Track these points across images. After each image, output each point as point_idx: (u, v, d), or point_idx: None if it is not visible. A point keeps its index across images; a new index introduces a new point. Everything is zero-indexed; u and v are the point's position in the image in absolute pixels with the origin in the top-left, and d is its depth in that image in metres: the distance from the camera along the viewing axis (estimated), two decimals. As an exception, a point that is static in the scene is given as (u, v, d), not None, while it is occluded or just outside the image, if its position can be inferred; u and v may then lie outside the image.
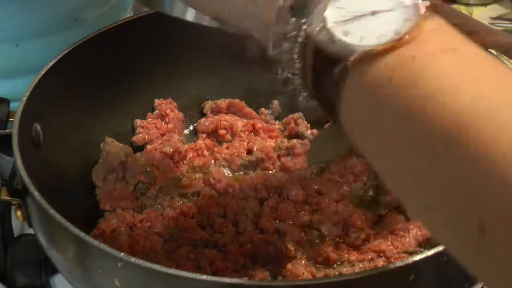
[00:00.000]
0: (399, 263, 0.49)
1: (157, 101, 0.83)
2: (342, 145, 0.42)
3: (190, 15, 0.51)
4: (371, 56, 0.35)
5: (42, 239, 0.58)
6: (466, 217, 0.32)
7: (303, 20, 0.39)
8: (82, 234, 0.51)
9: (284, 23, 0.40)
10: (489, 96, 0.32)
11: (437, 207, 0.34)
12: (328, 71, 0.37)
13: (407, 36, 0.35)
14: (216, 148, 0.80)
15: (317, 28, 0.37)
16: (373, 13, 0.36)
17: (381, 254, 0.64)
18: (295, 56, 0.40)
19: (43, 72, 0.67)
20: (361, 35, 0.36)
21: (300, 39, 0.39)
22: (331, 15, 0.37)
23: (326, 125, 0.67)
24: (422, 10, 0.36)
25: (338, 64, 0.36)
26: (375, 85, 0.35)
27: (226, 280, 0.47)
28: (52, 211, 0.53)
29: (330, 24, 0.37)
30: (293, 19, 0.39)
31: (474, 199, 0.31)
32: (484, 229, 0.31)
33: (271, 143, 0.80)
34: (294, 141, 0.79)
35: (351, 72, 0.36)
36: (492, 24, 1.14)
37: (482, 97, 0.32)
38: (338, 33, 0.36)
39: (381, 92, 0.35)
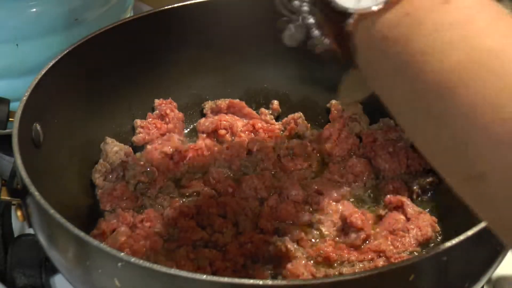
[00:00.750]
0: (399, 263, 0.49)
1: (157, 101, 0.83)
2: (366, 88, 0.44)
3: None
4: (367, 17, 0.38)
5: (42, 239, 0.58)
6: (461, 163, 0.34)
7: None
8: (82, 234, 0.51)
9: None
10: (486, 42, 0.33)
11: (435, 151, 0.37)
12: (338, 28, 0.40)
13: None
14: (216, 148, 0.80)
15: None
16: None
17: (381, 254, 0.64)
18: (306, 13, 0.43)
19: (43, 72, 0.67)
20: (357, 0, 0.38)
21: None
22: None
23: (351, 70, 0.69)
24: None
25: (344, 24, 0.39)
26: (376, 43, 0.38)
27: (226, 280, 0.47)
28: (52, 211, 0.53)
29: None
30: None
31: (470, 150, 0.33)
32: (482, 173, 0.33)
33: (271, 143, 0.80)
34: (294, 141, 0.79)
35: (356, 31, 0.39)
36: (492, 24, 1.13)
37: (473, 50, 0.33)
38: None
39: (381, 48, 0.37)
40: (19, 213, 0.59)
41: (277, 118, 0.86)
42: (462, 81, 0.33)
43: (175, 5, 0.80)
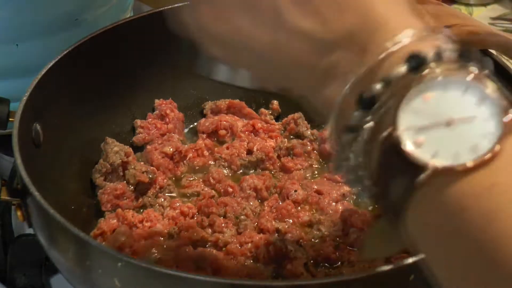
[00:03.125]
0: (399, 263, 0.49)
1: (157, 101, 0.83)
2: (396, 244, 0.39)
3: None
4: (444, 176, 0.31)
5: (42, 239, 0.58)
6: None
7: (369, 117, 0.34)
8: (82, 234, 0.51)
9: (347, 113, 0.35)
10: None
11: None
12: (395, 179, 0.33)
13: (486, 157, 0.31)
14: (216, 148, 0.80)
15: (386, 132, 0.33)
16: (449, 122, 0.32)
17: (381, 254, 0.64)
18: (354, 150, 0.35)
19: (43, 72, 0.67)
20: (434, 150, 0.32)
21: (364, 136, 0.34)
22: (403, 117, 0.32)
23: (380, 219, 0.66)
24: (506, 121, 0.31)
25: (405, 177, 0.32)
26: (446, 211, 0.31)
27: (227, 280, 0.47)
28: (52, 211, 0.52)
29: (400, 131, 0.32)
30: (358, 112, 0.34)
31: None
32: None
33: (271, 143, 0.80)
34: (294, 141, 0.79)
35: (420, 186, 0.32)
36: (492, 24, 1.13)
37: None
38: (409, 142, 0.32)
39: (452, 220, 0.31)
40: (19, 213, 0.59)
41: (277, 118, 0.86)
42: None
43: (175, 5, 0.80)
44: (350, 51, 0.35)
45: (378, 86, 0.33)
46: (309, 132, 0.81)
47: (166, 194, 0.73)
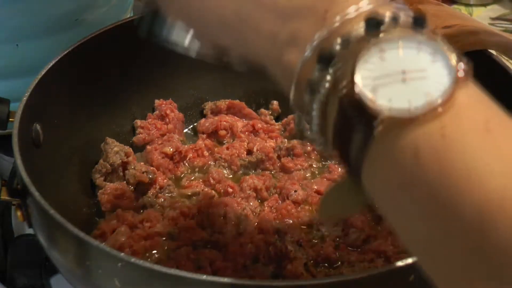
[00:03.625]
0: (399, 264, 0.49)
1: (157, 102, 0.83)
2: (357, 201, 0.39)
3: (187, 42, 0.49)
4: (398, 124, 0.32)
5: (42, 239, 0.58)
6: None
7: (329, 72, 0.35)
8: (82, 235, 0.51)
9: (307, 72, 0.36)
10: None
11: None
12: (353, 132, 0.34)
13: (439, 109, 0.32)
14: (216, 149, 0.80)
15: (343, 85, 0.34)
16: (404, 73, 0.33)
17: (381, 255, 0.64)
18: (315, 109, 0.36)
19: (43, 73, 0.67)
20: (389, 100, 0.33)
21: (323, 92, 0.35)
22: (360, 73, 0.34)
23: (340, 179, 0.66)
24: (459, 75, 0.33)
25: (362, 126, 0.33)
26: (400, 156, 0.32)
27: (226, 280, 0.47)
28: (52, 211, 0.52)
29: (357, 83, 0.33)
30: (318, 70, 0.35)
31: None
32: None
33: (271, 143, 0.80)
34: (294, 141, 0.79)
35: (376, 138, 0.33)
36: (492, 24, 1.14)
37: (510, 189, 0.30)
38: (367, 94, 0.33)
39: (405, 165, 0.32)
40: (19, 213, 0.59)
41: (277, 119, 0.86)
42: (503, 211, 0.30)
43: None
44: (311, 19, 0.37)
45: (337, 46, 0.35)
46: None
47: (166, 195, 0.73)
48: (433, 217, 0.32)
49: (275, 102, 0.86)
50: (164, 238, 0.66)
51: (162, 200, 0.72)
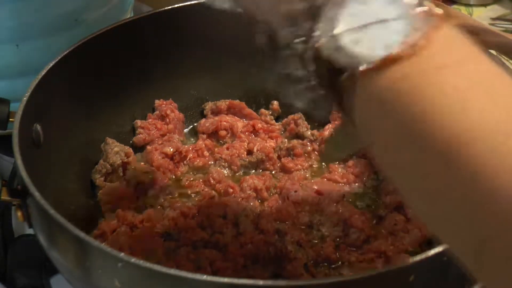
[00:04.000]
0: (399, 264, 0.49)
1: (157, 102, 0.83)
2: (355, 144, 0.42)
3: None
4: (377, 67, 0.35)
5: (42, 240, 0.58)
6: (467, 231, 0.32)
7: (316, 25, 0.38)
8: (82, 235, 0.50)
9: (297, 25, 0.39)
10: (489, 116, 0.32)
11: (435, 217, 0.35)
12: (339, 77, 0.37)
13: (414, 48, 0.34)
14: (216, 149, 0.80)
15: (328, 35, 0.37)
16: (382, 21, 0.36)
17: (381, 255, 0.64)
18: (307, 59, 0.39)
19: (43, 73, 0.67)
20: (368, 45, 0.36)
21: (311, 44, 0.38)
22: (342, 22, 0.37)
23: (338, 125, 0.68)
24: (433, 19, 0.35)
25: (348, 72, 0.36)
26: (381, 95, 0.35)
27: (226, 280, 0.47)
28: (52, 211, 0.52)
29: (339, 32, 0.36)
30: (306, 23, 0.39)
31: (474, 217, 0.32)
32: (484, 242, 0.31)
33: (271, 143, 0.80)
34: (295, 141, 0.79)
35: (359, 81, 0.36)
36: (492, 24, 1.13)
37: (483, 117, 0.32)
38: (347, 41, 0.36)
39: (386, 102, 0.35)
40: (19, 213, 0.59)
41: (277, 119, 0.86)
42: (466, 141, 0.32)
43: (175, 5, 0.80)
44: None
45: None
46: (309, 133, 0.81)
47: (166, 195, 0.73)
48: (409, 145, 0.35)
49: (275, 102, 0.86)
50: (164, 239, 0.66)
51: (162, 200, 0.72)
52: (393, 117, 0.35)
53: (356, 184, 0.74)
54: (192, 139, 0.83)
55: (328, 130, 0.79)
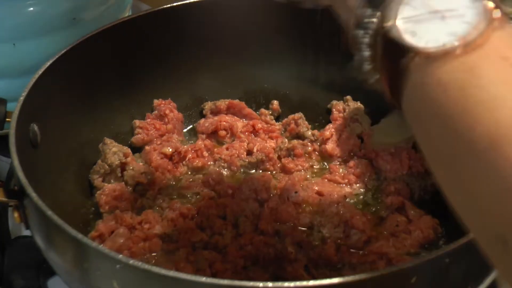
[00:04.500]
0: (400, 265, 0.49)
1: (156, 102, 0.82)
2: (405, 131, 0.43)
3: None
4: (432, 59, 0.36)
5: (39, 241, 0.57)
6: (488, 223, 0.34)
7: (378, 12, 0.40)
8: (80, 236, 0.50)
9: (362, 11, 0.41)
10: None
11: (465, 204, 0.36)
12: (394, 65, 0.38)
13: (469, 45, 0.35)
14: (215, 149, 0.79)
15: (388, 23, 0.38)
16: (442, 13, 0.37)
17: (382, 256, 0.63)
18: (365, 44, 0.41)
19: (40, 72, 0.66)
20: (427, 37, 0.37)
21: (371, 30, 0.40)
22: (403, 11, 0.38)
23: (388, 115, 0.69)
24: (492, 17, 0.36)
25: (402, 61, 0.38)
26: (430, 88, 0.36)
27: (226, 282, 0.46)
28: (49, 212, 0.52)
29: (399, 22, 0.38)
30: (369, 9, 0.40)
31: (495, 211, 0.33)
32: (504, 237, 0.32)
33: (271, 143, 0.79)
34: (295, 141, 0.79)
35: (413, 71, 0.37)
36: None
37: None
38: (406, 32, 0.37)
39: (437, 95, 0.36)
40: (16, 214, 0.59)
41: (277, 119, 0.85)
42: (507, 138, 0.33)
43: (174, 4, 0.80)
44: None
45: None
46: (309, 133, 0.80)
47: (165, 196, 0.73)
48: (453, 140, 0.35)
49: (275, 102, 0.86)
50: (163, 240, 0.66)
51: (161, 201, 0.72)
52: (440, 111, 0.36)
53: (357, 184, 0.74)
54: (192, 140, 0.83)
55: (328, 130, 0.79)
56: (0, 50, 0.79)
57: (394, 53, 0.38)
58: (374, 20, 0.40)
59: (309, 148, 0.79)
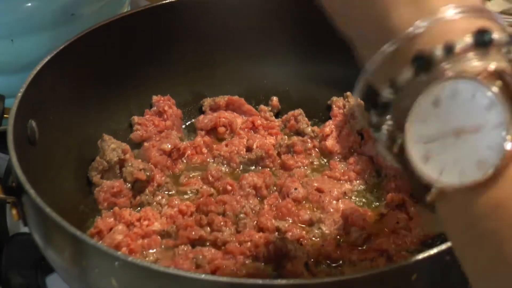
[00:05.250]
0: (401, 263, 0.49)
1: (155, 98, 0.82)
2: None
3: None
4: (450, 192, 0.32)
5: (37, 238, 0.57)
6: None
7: (387, 117, 0.35)
8: (78, 233, 0.50)
9: (370, 108, 0.36)
10: None
11: None
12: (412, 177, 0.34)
13: (490, 174, 0.31)
14: (215, 146, 0.79)
15: (398, 142, 0.34)
16: (457, 133, 0.32)
17: (383, 253, 0.63)
18: (382, 148, 0.36)
19: (38, 68, 0.66)
20: (441, 166, 0.32)
21: (384, 136, 0.35)
22: (413, 127, 0.33)
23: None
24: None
25: (431, 191, 0.34)
26: (458, 222, 0.33)
27: (225, 279, 0.46)
28: (48, 209, 0.52)
29: (409, 143, 0.33)
30: (375, 115, 0.35)
31: None
32: None
33: (271, 140, 0.79)
34: (295, 138, 0.79)
35: (432, 200, 0.34)
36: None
37: None
38: (418, 157, 0.33)
39: (464, 231, 0.33)
40: (14, 211, 0.59)
41: (277, 115, 0.85)
42: None
43: (173, 0, 0.80)
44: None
45: (388, 93, 0.34)
46: (309, 129, 0.80)
47: (164, 192, 0.73)
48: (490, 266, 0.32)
49: (274, 98, 0.85)
50: (161, 237, 0.66)
51: (160, 198, 0.71)
52: (469, 245, 0.33)
53: (358, 181, 0.74)
54: (191, 136, 0.83)
55: (328, 126, 0.79)
56: (-3, 46, 0.79)
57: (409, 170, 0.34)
58: (386, 128, 0.35)
59: (309, 144, 0.78)
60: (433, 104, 0.32)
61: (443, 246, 0.48)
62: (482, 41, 0.32)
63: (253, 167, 0.77)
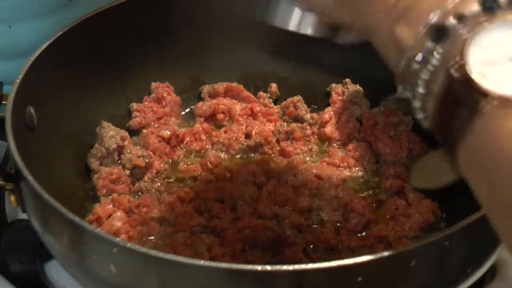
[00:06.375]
0: (400, 249, 0.48)
1: (153, 84, 0.82)
2: (448, 172, 0.41)
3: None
4: (504, 107, 0.33)
5: (36, 225, 0.57)
6: None
7: (440, 48, 0.37)
8: (77, 219, 0.50)
9: (419, 45, 0.38)
10: None
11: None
12: (456, 107, 0.36)
13: None
14: (213, 132, 0.79)
15: (454, 62, 0.36)
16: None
17: (382, 240, 0.63)
18: (421, 81, 0.38)
19: (36, 54, 0.66)
20: (500, 82, 0.34)
21: (431, 67, 0.37)
22: (471, 52, 0.35)
23: (432, 151, 0.69)
24: None
25: (469, 103, 0.35)
26: (505, 135, 0.33)
27: (224, 265, 0.46)
28: (46, 195, 0.52)
29: (468, 62, 0.35)
30: (429, 45, 0.37)
31: None
32: None
33: (270, 127, 0.79)
34: (294, 125, 0.79)
35: (483, 116, 0.34)
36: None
37: None
38: (476, 73, 0.34)
39: (502, 152, 0.33)
40: (12, 198, 0.59)
41: (275, 102, 0.85)
42: None
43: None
44: None
45: (452, 21, 0.37)
46: (308, 116, 0.80)
47: (163, 179, 0.72)
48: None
49: (273, 85, 0.85)
50: (160, 224, 0.66)
51: (159, 184, 0.71)
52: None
53: (357, 168, 0.74)
54: (189, 123, 0.82)
55: (328, 113, 0.79)
56: (-5, 32, 0.79)
57: (458, 94, 0.35)
58: (437, 56, 0.37)
59: (308, 131, 0.78)
60: (492, 34, 0.35)
61: (442, 233, 0.48)
62: None
63: (252, 154, 0.76)
